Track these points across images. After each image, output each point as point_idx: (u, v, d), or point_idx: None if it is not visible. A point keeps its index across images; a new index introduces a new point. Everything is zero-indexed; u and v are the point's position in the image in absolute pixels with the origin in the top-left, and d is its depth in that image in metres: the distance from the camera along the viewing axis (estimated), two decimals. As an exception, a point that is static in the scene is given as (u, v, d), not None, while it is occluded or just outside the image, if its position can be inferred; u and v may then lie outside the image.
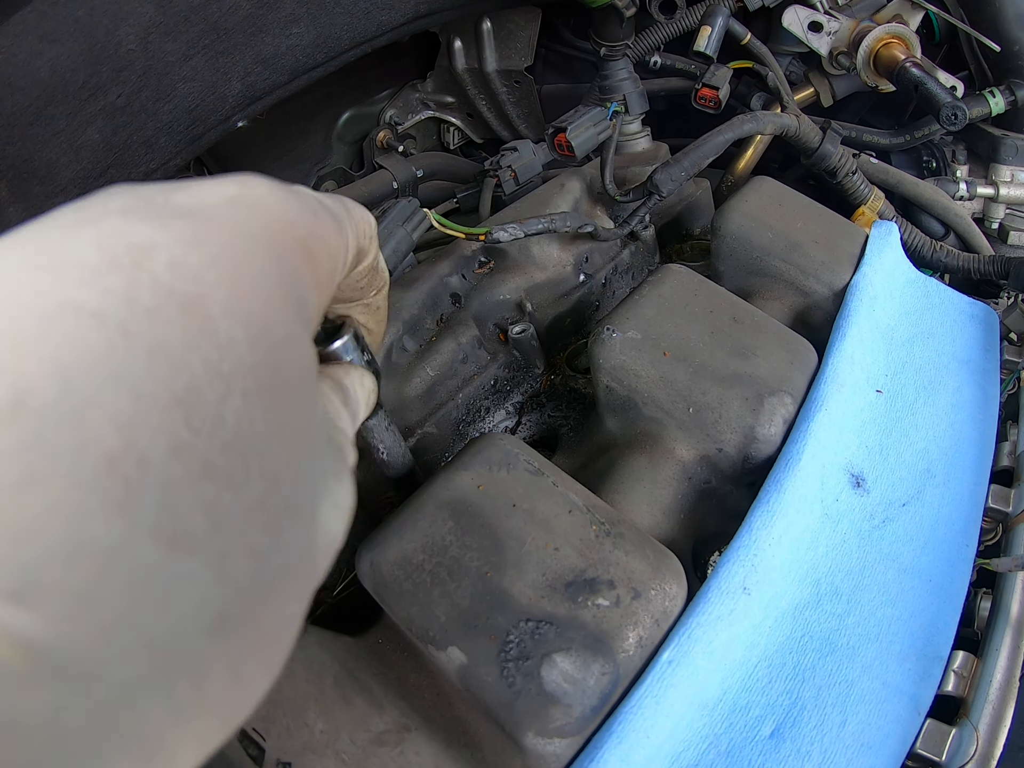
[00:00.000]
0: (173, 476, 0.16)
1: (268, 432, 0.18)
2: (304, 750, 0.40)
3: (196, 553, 0.16)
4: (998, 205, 0.96)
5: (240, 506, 0.17)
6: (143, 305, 0.16)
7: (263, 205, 0.21)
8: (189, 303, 0.17)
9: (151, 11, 0.67)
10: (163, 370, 0.16)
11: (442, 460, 0.63)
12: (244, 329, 0.18)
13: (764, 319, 0.58)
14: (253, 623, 0.18)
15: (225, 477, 0.17)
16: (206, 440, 0.16)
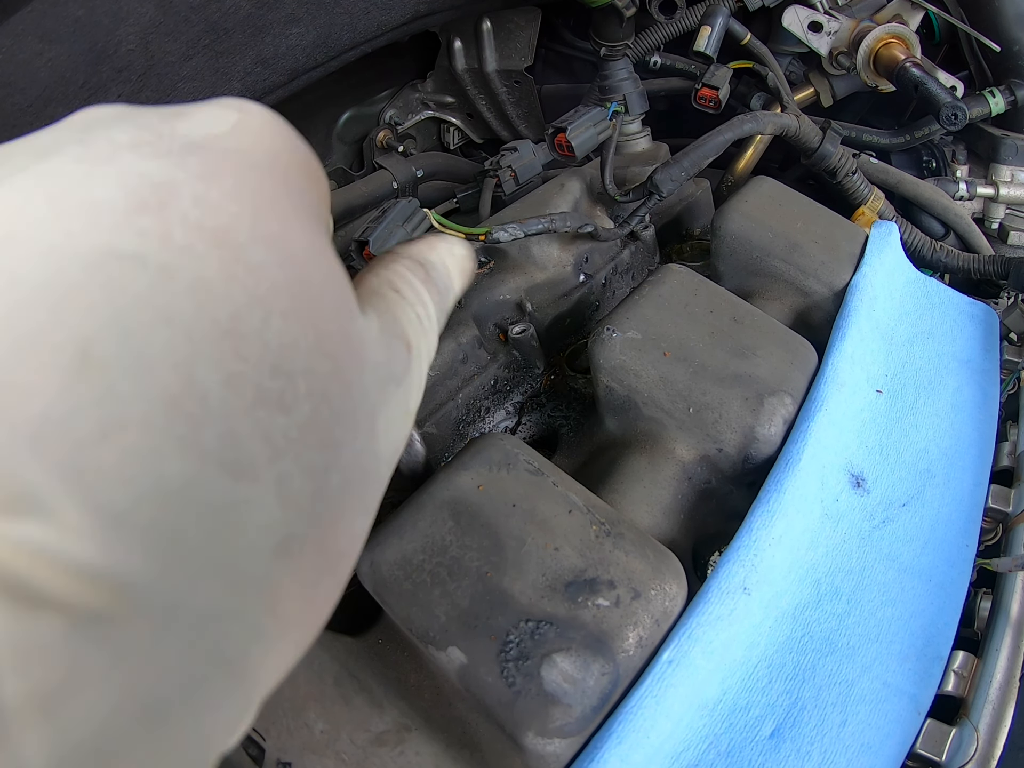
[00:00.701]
0: (230, 407, 0.16)
1: (310, 348, 0.18)
2: (304, 750, 0.40)
3: (258, 479, 0.17)
4: (998, 205, 0.96)
5: (294, 428, 0.18)
6: (178, 243, 0.17)
7: (263, 131, 0.22)
8: (219, 235, 0.17)
9: (151, 11, 0.67)
10: (207, 303, 0.16)
11: (442, 460, 0.63)
12: (272, 252, 0.18)
13: (764, 319, 0.58)
14: (319, 542, 0.19)
15: (276, 401, 0.17)
16: (255, 366, 0.17)
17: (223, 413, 0.16)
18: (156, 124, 0.19)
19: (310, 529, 0.18)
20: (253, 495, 0.17)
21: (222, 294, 0.17)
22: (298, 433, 0.18)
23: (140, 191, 0.17)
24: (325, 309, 0.20)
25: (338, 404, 0.19)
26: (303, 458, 0.18)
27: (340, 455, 0.19)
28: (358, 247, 0.60)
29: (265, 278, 0.18)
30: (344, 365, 0.20)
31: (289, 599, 0.18)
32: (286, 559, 0.18)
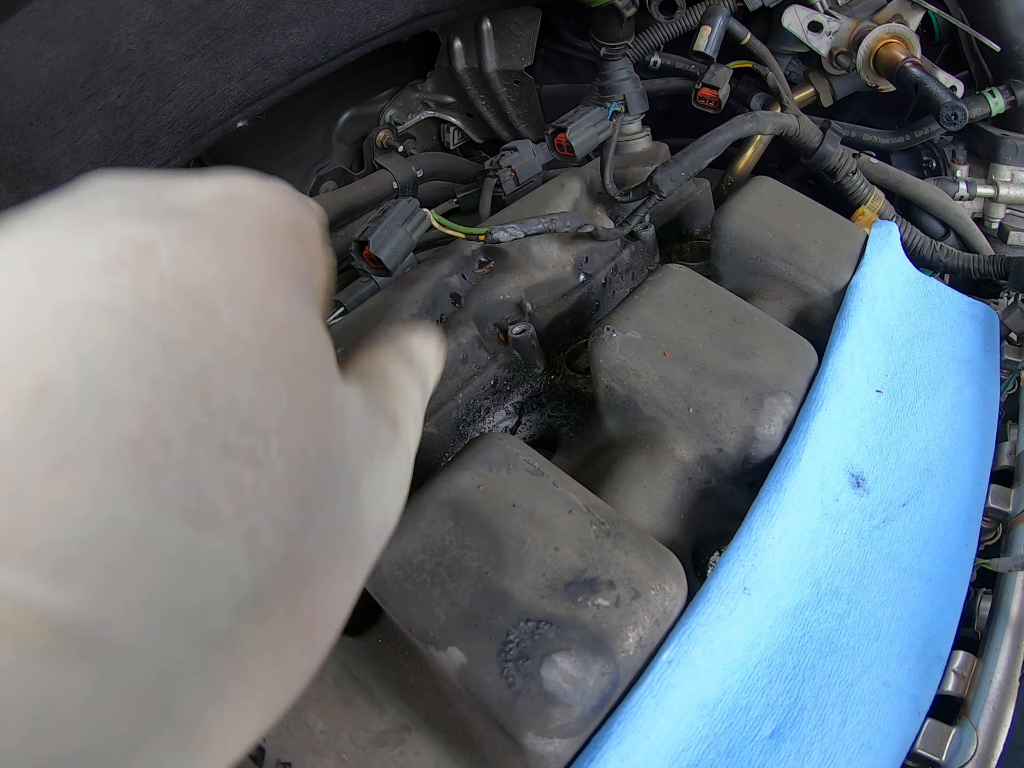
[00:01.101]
0: (194, 457, 0.16)
1: (284, 411, 0.19)
2: (304, 750, 0.40)
3: (224, 531, 0.16)
4: (998, 205, 0.96)
5: (264, 483, 0.17)
6: (152, 299, 0.17)
7: (250, 198, 0.22)
8: (194, 295, 0.18)
9: (151, 11, 0.67)
10: (176, 358, 0.17)
11: (442, 460, 0.63)
12: (247, 314, 0.19)
13: (764, 319, 0.58)
14: (292, 603, 0.18)
15: (245, 456, 0.17)
16: (223, 421, 0.17)
17: (186, 462, 0.16)
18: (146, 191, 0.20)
19: (282, 589, 0.18)
20: (218, 547, 0.16)
21: (192, 350, 0.17)
22: (269, 488, 0.18)
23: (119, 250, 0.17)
24: (302, 374, 0.20)
25: (315, 465, 0.19)
26: (275, 514, 0.18)
27: (317, 516, 0.19)
28: (358, 247, 0.60)
29: (238, 339, 0.18)
30: (321, 428, 0.20)
31: (255, 661, 0.17)
32: (253, 618, 0.17)
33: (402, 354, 0.29)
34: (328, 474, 0.20)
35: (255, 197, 0.22)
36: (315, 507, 0.19)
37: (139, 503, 0.15)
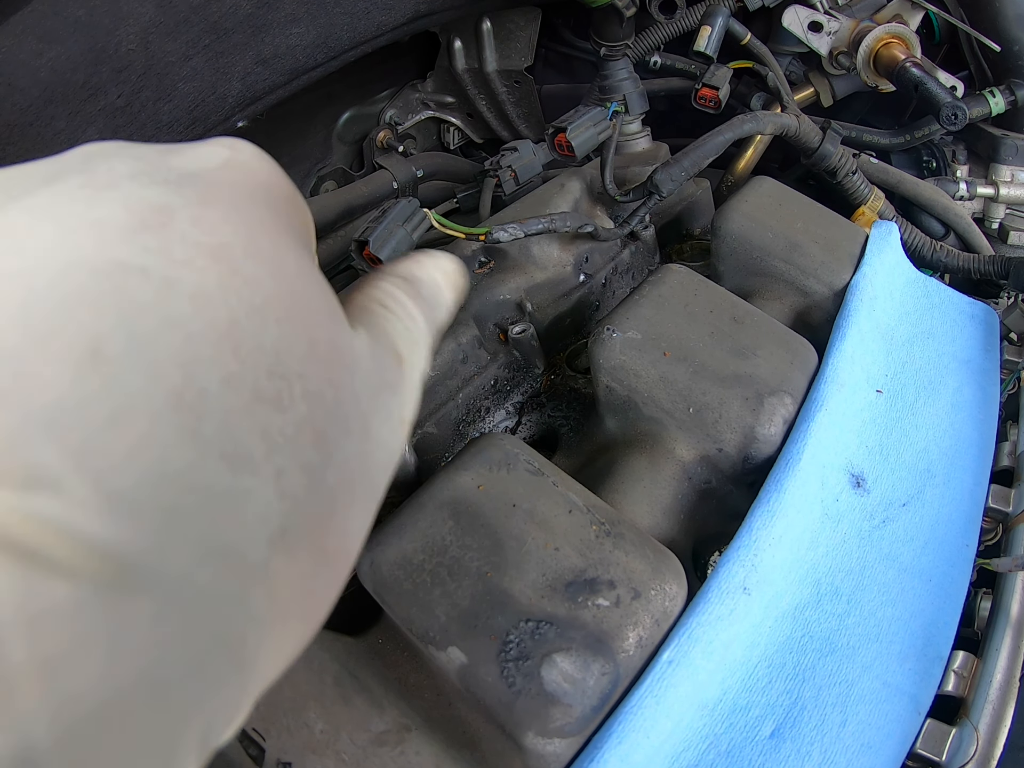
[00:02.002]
0: (229, 404, 0.18)
1: (304, 354, 0.20)
2: (304, 750, 0.40)
3: (256, 472, 0.18)
4: (998, 205, 0.96)
5: (290, 426, 0.19)
6: (178, 258, 0.18)
7: (252, 165, 0.24)
8: (216, 251, 0.19)
9: (151, 11, 0.67)
10: (206, 310, 0.18)
11: (442, 460, 0.63)
12: (265, 266, 0.20)
13: (764, 319, 0.58)
14: (316, 536, 0.20)
15: (273, 400, 0.19)
16: (252, 368, 0.18)
17: (222, 409, 0.17)
18: (153, 157, 0.21)
19: (306, 522, 0.19)
20: (252, 486, 0.18)
21: (220, 302, 0.18)
22: (294, 431, 0.19)
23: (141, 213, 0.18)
24: (317, 319, 0.21)
25: (331, 406, 0.20)
26: (299, 455, 0.19)
27: (335, 454, 0.20)
28: (358, 247, 0.60)
29: (260, 289, 0.19)
30: (336, 370, 0.21)
31: (287, 589, 0.19)
32: (283, 549, 0.18)
33: (406, 284, 0.29)
34: (342, 415, 0.21)
35: (254, 163, 0.24)
36: (332, 447, 0.20)
37: (184, 448, 0.16)
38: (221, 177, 0.22)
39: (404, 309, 0.28)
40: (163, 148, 0.22)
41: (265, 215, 0.22)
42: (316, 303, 0.22)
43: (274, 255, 0.21)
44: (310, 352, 0.20)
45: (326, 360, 0.21)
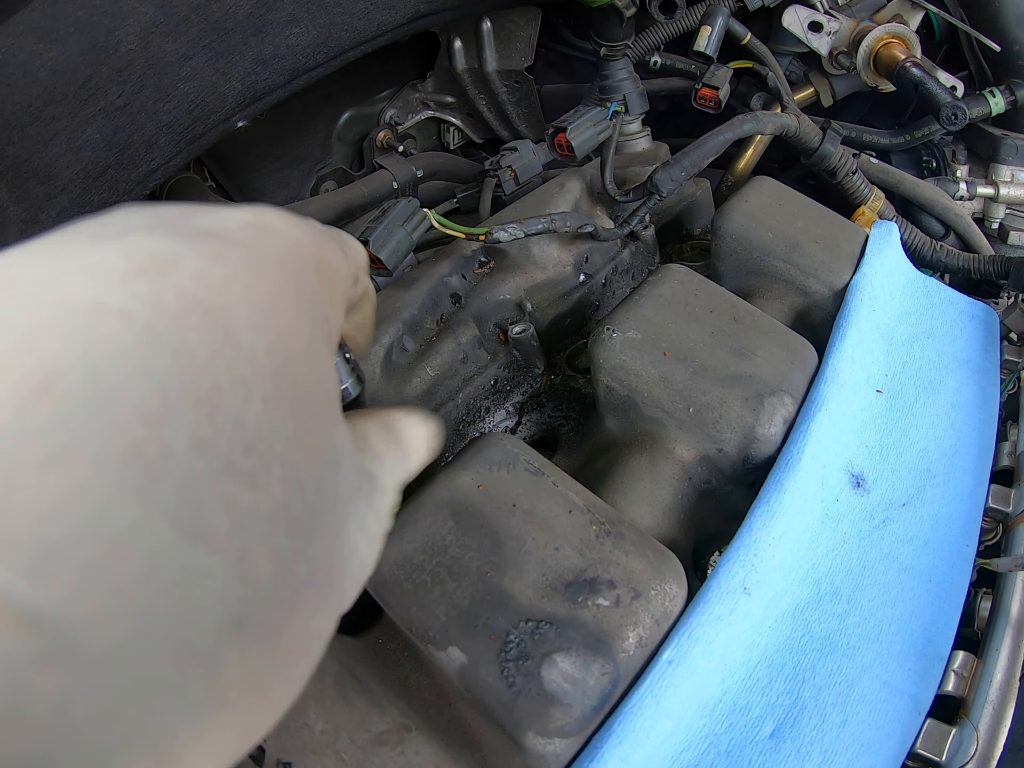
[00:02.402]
0: (195, 469, 0.16)
1: (289, 439, 0.18)
2: (304, 750, 0.40)
3: (217, 549, 0.16)
4: (998, 205, 0.96)
5: (262, 507, 0.17)
6: (170, 309, 0.17)
7: (277, 229, 0.22)
8: (213, 311, 0.18)
9: (151, 11, 0.67)
10: (188, 369, 0.16)
11: (442, 460, 0.63)
12: (264, 339, 0.19)
13: (764, 319, 0.58)
14: (275, 632, 0.18)
15: (247, 477, 0.17)
16: (228, 439, 0.17)
17: (186, 473, 0.16)
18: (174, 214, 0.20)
19: (267, 613, 0.18)
20: (209, 564, 0.16)
21: (205, 365, 0.17)
22: (267, 514, 0.17)
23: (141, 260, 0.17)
24: (310, 407, 0.20)
25: (311, 497, 0.19)
26: (269, 540, 0.18)
27: (308, 547, 0.19)
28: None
29: (252, 362, 0.18)
30: (320, 463, 0.20)
31: (234, 686, 0.17)
32: (236, 639, 0.17)
33: (388, 429, 0.29)
34: (320, 508, 0.20)
35: (282, 227, 0.22)
36: (306, 538, 0.19)
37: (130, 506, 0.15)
38: (242, 236, 0.21)
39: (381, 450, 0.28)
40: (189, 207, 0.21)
41: (281, 283, 0.20)
42: (314, 390, 0.20)
43: (280, 329, 0.19)
44: (296, 438, 0.19)
45: (312, 450, 0.20)
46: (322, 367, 0.21)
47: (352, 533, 0.23)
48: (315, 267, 0.23)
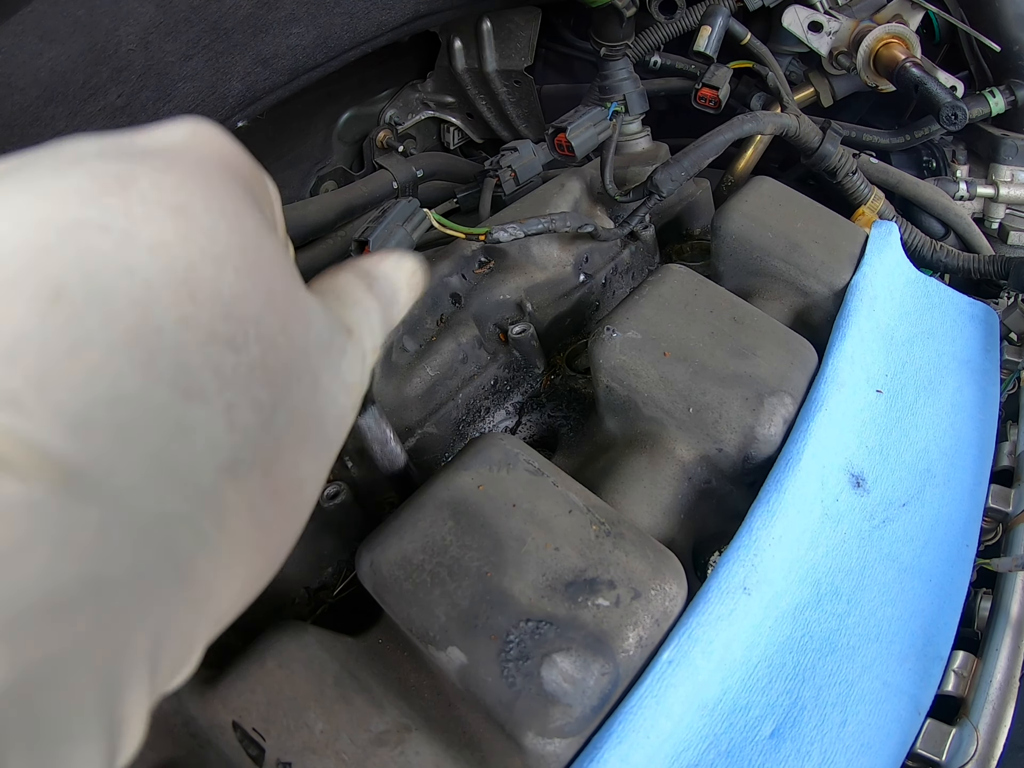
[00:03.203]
0: (183, 341, 0.19)
1: (260, 302, 0.21)
2: (304, 750, 0.40)
3: (208, 403, 0.19)
4: (998, 205, 0.96)
5: (242, 365, 0.20)
6: (138, 214, 0.20)
7: (212, 139, 0.25)
8: (176, 207, 0.21)
9: (151, 11, 0.67)
10: (165, 259, 0.19)
11: (442, 460, 0.63)
12: (223, 221, 0.21)
13: (764, 319, 0.58)
14: (266, 471, 0.21)
15: (227, 340, 0.20)
16: (208, 310, 0.20)
17: (176, 345, 0.19)
18: (117, 138, 0.23)
19: (256, 456, 0.21)
20: (203, 416, 0.19)
21: (178, 252, 0.20)
22: (246, 370, 0.20)
23: (104, 180, 0.20)
24: (275, 272, 0.23)
25: (284, 353, 0.22)
26: (251, 392, 0.21)
27: (286, 398, 0.22)
28: (358, 247, 0.60)
29: (218, 241, 0.21)
30: (290, 321, 0.23)
31: (237, 518, 0.20)
32: (233, 478, 0.20)
33: (363, 276, 0.31)
34: (294, 362, 0.23)
35: (216, 139, 0.25)
36: (283, 389, 0.22)
37: (137, 377, 0.18)
38: (183, 149, 0.23)
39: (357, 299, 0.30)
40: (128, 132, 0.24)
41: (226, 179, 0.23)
42: (274, 259, 0.23)
43: (234, 212, 0.22)
44: (266, 301, 0.22)
45: (281, 310, 0.22)
46: (276, 241, 0.24)
47: (328, 383, 0.25)
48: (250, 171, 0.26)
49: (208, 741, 0.42)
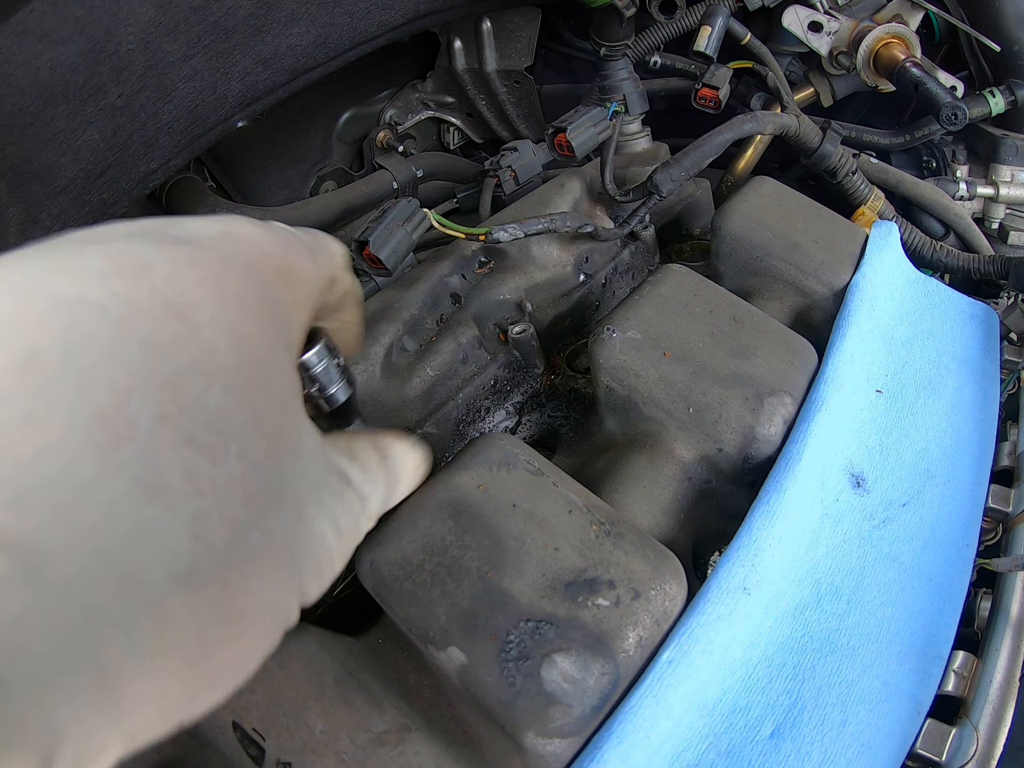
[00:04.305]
0: (157, 438, 0.18)
1: (248, 424, 0.21)
2: (304, 750, 0.40)
3: (172, 507, 0.18)
4: (998, 205, 0.96)
5: (219, 477, 0.19)
6: (141, 306, 0.19)
7: (247, 237, 0.24)
8: (180, 310, 0.20)
9: (151, 11, 0.67)
10: (154, 357, 0.19)
11: (442, 460, 0.63)
12: (226, 336, 0.21)
13: (764, 319, 0.58)
14: (224, 591, 0.20)
15: (206, 450, 0.19)
16: (190, 416, 0.19)
17: (149, 441, 0.18)
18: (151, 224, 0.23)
19: (217, 573, 0.19)
20: (165, 520, 0.18)
21: (170, 354, 0.19)
22: (224, 484, 0.19)
23: (120, 263, 0.20)
24: (267, 398, 0.22)
25: (267, 476, 0.21)
26: (224, 506, 0.19)
27: (263, 520, 0.21)
28: (358, 247, 0.60)
29: (214, 356, 0.20)
30: (276, 448, 0.22)
31: (180, 630, 0.19)
32: (185, 591, 0.19)
33: (376, 447, 0.31)
34: (277, 489, 0.22)
35: (252, 236, 0.24)
36: (262, 511, 0.21)
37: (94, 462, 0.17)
38: (212, 243, 0.23)
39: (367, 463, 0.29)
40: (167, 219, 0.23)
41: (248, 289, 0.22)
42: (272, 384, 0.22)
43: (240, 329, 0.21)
44: (253, 424, 0.21)
45: (268, 436, 0.21)
46: (281, 366, 0.23)
47: (316, 521, 0.24)
48: (280, 274, 0.25)
49: (208, 741, 0.42)
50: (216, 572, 0.19)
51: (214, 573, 0.19)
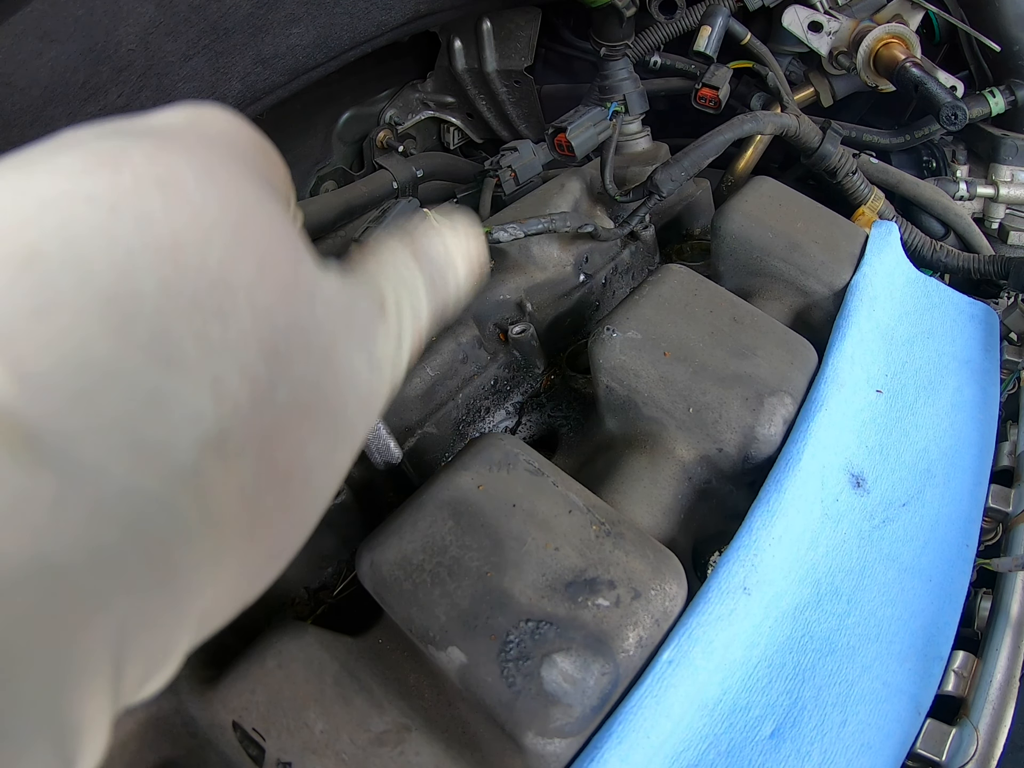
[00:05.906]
0: (163, 307, 0.18)
1: (253, 274, 0.20)
2: (304, 750, 0.40)
3: (189, 374, 0.18)
4: (998, 205, 0.96)
5: (231, 335, 0.19)
6: (126, 187, 0.19)
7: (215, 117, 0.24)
8: (165, 180, 0.20)
9: (151, 11, 0.67)
10: (149, 230, 0.19)
11: (442, 460, 0.63)
12: (216, 195, 0.20)
13: (764, 319, 0.58)
14: (264, 451, 0.20)
15: (213, 310, 0.19)
16: (193, 278, 0.19)
17: (156, 311, 0.18)
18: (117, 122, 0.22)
19: (250, 433, 0.19)
20: (183, 386, 0.18)
21: (163, 223, 0.19)
22: (236, 339, 0.19)
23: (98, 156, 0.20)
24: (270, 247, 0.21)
25: (282, 325, 0.21)
26: (242, 363, 0.19)
27: (287, 372, 0.20)
28: (358, 247, 0.60)
29: (208, 214, 0.20)
30: (290, 294, 0.21)
31: (225, 501, 0.19)
32: (220, 457, 0.18)
33: (407, 246, 0.28)
34: (296, 335, 0.21)
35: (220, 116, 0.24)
36: (284, 362, 0.20)
37: (109, 342, 0.17)
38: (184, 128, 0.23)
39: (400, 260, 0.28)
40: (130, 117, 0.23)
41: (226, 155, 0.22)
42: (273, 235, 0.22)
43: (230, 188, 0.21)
44: (260, 273, 0.20)
45: (278, 283, 0.21)
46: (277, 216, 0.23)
47: (347, 359, 0.23)
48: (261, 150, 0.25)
49: (208, 741, 0.42)
50: (247, 434, 0.19)
51: (245, 436, 0.19)
